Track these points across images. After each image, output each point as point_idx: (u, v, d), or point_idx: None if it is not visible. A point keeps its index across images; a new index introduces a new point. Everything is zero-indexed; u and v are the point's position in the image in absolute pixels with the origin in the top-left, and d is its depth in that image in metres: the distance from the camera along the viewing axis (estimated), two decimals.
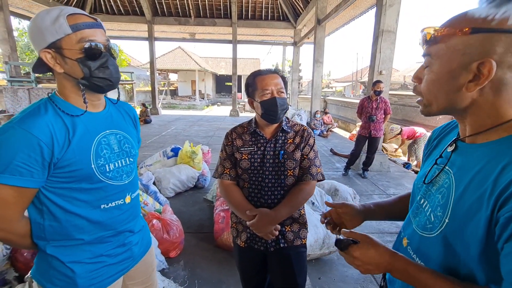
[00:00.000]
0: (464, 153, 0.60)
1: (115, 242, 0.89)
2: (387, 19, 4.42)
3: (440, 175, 0.63)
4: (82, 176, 0.78)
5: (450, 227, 0.56)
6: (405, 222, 0.75)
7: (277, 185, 1.18)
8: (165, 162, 3.97)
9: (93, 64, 0.77)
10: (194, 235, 2.64)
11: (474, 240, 0.50)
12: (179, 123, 10.90)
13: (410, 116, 7.81)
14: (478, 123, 0.56)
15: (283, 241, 1.20)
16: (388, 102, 4.30)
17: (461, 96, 0.54)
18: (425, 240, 0.62)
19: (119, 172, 0.87)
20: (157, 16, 12.30)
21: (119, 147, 0.89)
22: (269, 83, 1.14)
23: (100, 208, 0.84)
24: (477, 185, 0.52)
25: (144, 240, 1.03)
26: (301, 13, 11.38)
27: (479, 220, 0.50)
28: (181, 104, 21.75)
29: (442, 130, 0.76)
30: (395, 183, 4.36)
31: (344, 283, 2.07)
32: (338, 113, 12.19)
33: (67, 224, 0.79)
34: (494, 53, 0.48)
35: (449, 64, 0.54)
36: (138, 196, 0.99)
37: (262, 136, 1.21)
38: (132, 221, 0.95)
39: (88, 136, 0.80)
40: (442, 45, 0.54)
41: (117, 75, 0.83)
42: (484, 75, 0.49)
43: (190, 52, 24.58)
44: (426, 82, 0.59)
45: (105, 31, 0.81)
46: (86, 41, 0.75)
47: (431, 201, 0.63)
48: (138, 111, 11.30)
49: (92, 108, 0.85)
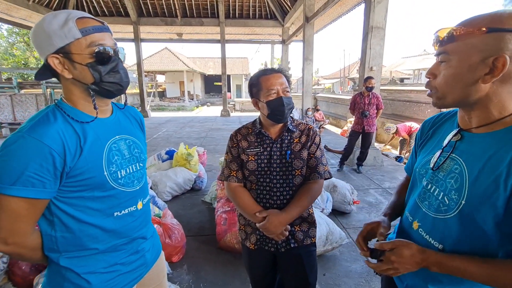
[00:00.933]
0: (471, 142, 0.67)
1: (128, 249, 0.87)
2: (376, 15, 4.49)
3: (446, 162, 0.70)
4: (95, 184, 0.76)
5: (467, 207, 0.63)
6: (411, 206, 0.80)
7: (285, 185, 1.18)
8: (160, 165, 3.91)
9: (103, 68, 0.74)
10: (195, 238, 2.61)
11: (491, 216, 0.59)
12: (169, 125, 10.76)
13: (399, 111, 7.98)
14: (485, 114, 0.63)
15: (293, 241, 1.20)
16: (380, 98, 4.38)
17: (476, 88, 0.61)
18: (440, 221, 0.69)
19: (130, 178, 0.85)
20: (142, 17, 12.06)
21: (129, 152, 0.87)
22: (274, 82, 1.13)
23: (113, 216, 0.82)
24: (491, 169, 0.60)
25: (155, 246, 1.02)
26: (288, 11, 11.41)
27: (496, 199, 0.58)
28: (170, 106, 21.45)
29: (435, 122, 0.83)
30: (389, 176, 4.44)
31: (348, 278, 2.09)
32: (329, 109, 12.32)
33: (80, 234, 0.76)
34: (507, 50, 0.56)
35: (468, 59, 0.60)
36: (149, 201, 0.97)
37: (267, 136, 1.20)
38: (145, 227, 0.93)
39: (99, 142, 0.78)
40: (460, 43, 0.61)
41: (127, 79, 0.81)
42: (499, 69, 0.57)
43: (177, 53, 24.26)
44: (444, 76, 0.65)
45: (112, 34, 0.79)
46: (96, 45, 0.72)
47: (441, 186, 0.70)
48: None
49: (101, 114, 0.82)
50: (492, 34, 0.56)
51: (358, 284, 2.04)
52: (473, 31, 0.58)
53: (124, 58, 0.82)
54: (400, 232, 0.86)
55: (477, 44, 0.58)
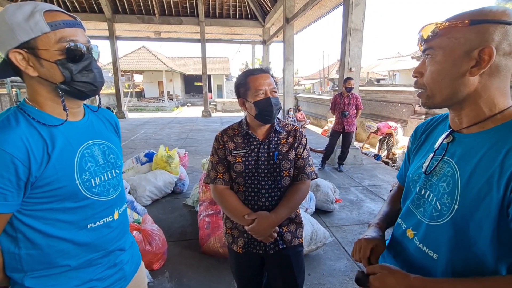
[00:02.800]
0: (463, 143, 0.64)
1: (105, 263, 0.80)
2: (354, 18, 4.61)
3: (438, 165, 0.67)
4: (65, 194, 0.69)
5: (460, 212, 0.59)
6: (405, 214, 0.76)
7: (273, 186, 1.16)
8: (138, 168, 3.75)
9: (75, 67, 0.68)
10: (177, 244, 2.52)
11: (487, 220, 0.54)
12: (148, 126, 10.41)
13: (377, 110, 8.27)
14: (475, 112, 0.61)
15: (281, 242, 1.18)
16: (359, 98, 4.49)
17: (464, 82, 0.59)
18: (433, 228, 0.65)
19: (105, 186, 0.79)
20: (117, 14, 11.57)
21: (104, 158, 0.80)
22: (262, 83, 1.11)
23: (87, 228, 0.75)
24: (483, 170, 0.57)
25: (135, 257, 0.96)
26: (268, 11, 11.46)
27: (490, 202, 0.54)
28: (148, 106, 20.81)
29: (427, 126, 0.81)
30: (368, 174, 4.57)
31: (332, 277, 2.11)
32: (309, 109, 12.53)
33: (49, 251, 0.69)
34: (492, 41, 0.55)
35: (453, 53, 0.59)
36: (126, 210, 0.91)
37: (255, 137, 1.17)
38: (123, 237, 0.87)
39: (70, 148, 0.71)
40: (444, 37, 0.60)
41: (101, 79, 0.74)
42: (485, 60, 0.55)
43: (155, 52, 23.58)
44: (431, 72, 0.63)
45: (85, 30, 0.72)
46: (66, 41, 0.66)
47: (435, 190, 0.66)
48: None
49: (72, 117, 0.75)
50: (475, 27, 0.56)
51: (342, 282, 2.06)
52: (456, 24, 0.57)
53: (98, 57, 0.76)
54: (394, 242, 0.81)
55: (460, 37, 0.57)
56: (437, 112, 5.84)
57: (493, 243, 0.54)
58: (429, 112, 6.36)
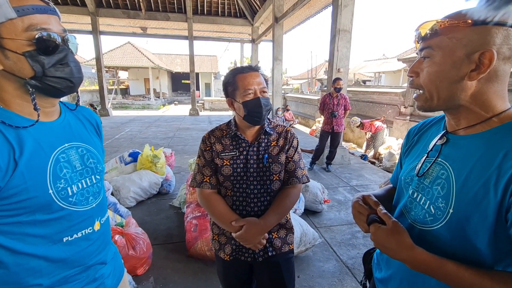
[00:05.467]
0: (458, 145, 0.62)
1: (83, 279, 0.73)
2: (343, 19, 4.63)
3: (432, 167, 0.65)
4: (36, 205, 0.61)
5: (455, 216, 0.57)
6: (396, 216, 0.73)
7: (263, 191, 1.11)
8: (122, 168, 3.61)
9: (48, 60, 0.60)
10: (162, 247, 2.43)
11: (483, 225, 0.52)
12: (133, 124, 10.13)
13: (363, 111, 8.40)
14: (472, 115, 0.59)
15: (271, 249, 1.14)
16: (348, 99, 4.53)
17: (462, 86, 0.57)
18: (426, 233, 0.63)
19: (84, 194, 0.71)
20: (101, 8, 11.15)
21: (82, 163, 0.73)
22: (251, 82, 1.05)
23: (63, 241, 0.67)
24: (480, 173, 0.55)
25: (117, 269, 0.88)
26: (258, 10, 11.40)
27: (486, 206, 0.52)
28: (134, 104, 20.27)
29: (420, 128, 0.79)
30: (356, 174, 4.62)
31: (322, 279, 2.09)
32: (298, 109, 12.59)
33: (17, 269, 0.61)
34: (494, 44, 0.52)
35: (452, 54, 0.56)
36: (108, 219, 0.83)
37: (243, 139, 1.11)
38: (104, 250, 0.79)
39: (42, 153, 0.64)
40: (444, 37, 0.57)
41: (79, 75, 0.66)
42: (485, 64, 0.53)
43: (141, 48, 22.99)
44: (428, 73, 0.60)
45: (60, 18, 0.64)
46: (37, 30, 0.58)
47: (428, 194, 0.64)
48: None
49: (45, 117, 0.67)
50: (477, 27, 0.53)
51: (332, 284, 2.05)
52: (458, 23, 0.54)
53: (76, 49, 0.68)
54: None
55: (462, 38, 0.54)
56: (422, 114, 5.99)
57: (490, 249, 0.53)
58: (414, 113, 6.51)
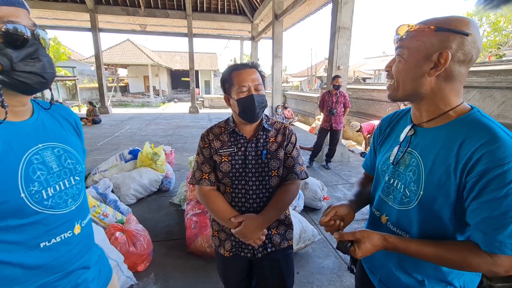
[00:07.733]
0: (423, 136, 0.73)
1: (65, 285, 0.69)
2: (343, 16, 4.61)
3: (404, 156, 0.76)
4: (7, 211, 0.58)
5: (425, 197, 0.69)
6: (377, 202, 0.85)
7: (261, 187, 1.11)
8: (122, 166, 3.62)
9: (16, 54, 0.57)
10: (162, 244, 2.45)
11: (447, 202, 0.65)
12: (133, 122, 10.12)
13: (363, 109, 8.40)
14: (433, 108, 0.70)
15: (270, 245, 1.15)
16: (347, 96, 4.53)
17: (423, 81, 0.67)
18: (404, 213, 0.75)
19: (62, 197, 0.68)
20: (100, 5, 11.09)
21: (59, 164, 0.69)
22: (246, 78, 1.04)
23: (40, 247, 0.64)
24: (442, 160, 0.66)
25: (103, 272, 0.85)
26: (257, 7, 11.35)
27: (449, 187, 0.64)
28: (133, 102, 20.25)
29: (391, 120, 0.90)
30: (355, 172, 4.63)
31: (321, 275, 2.11)
32: (297, 107, 12.58)
33: None
34: (450, 48, 0.62)
35: (417, 54, 0.66)
36: (90, 222, 0.80)
37: (242, 136, 1.12)
38: (86, 253, 0.76)
39: (11, 155, 0.60)
40: (413, 39, 0.67)
41: (51, 70, 0.63)
42: (442, 64, 0.63)
43: (140, 46, 22.87)
44: (397, 68, 0.71)
45: (29, 12, 0.62)
46: (3, 22, 0.55)
47: (402, 179, 0.75)
48: (85, 110, 10.20)
49: (14, 116, 0.64)
50: (439, 33, 0.63)
51: (331, 280, 2.07)
52: (424, 28, 0.65)
53: (48, 45, 0.65)
54: (373, 228, 0.85)
55: (425, 41, 0.65)
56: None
57: (452, 220, 0.67)
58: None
